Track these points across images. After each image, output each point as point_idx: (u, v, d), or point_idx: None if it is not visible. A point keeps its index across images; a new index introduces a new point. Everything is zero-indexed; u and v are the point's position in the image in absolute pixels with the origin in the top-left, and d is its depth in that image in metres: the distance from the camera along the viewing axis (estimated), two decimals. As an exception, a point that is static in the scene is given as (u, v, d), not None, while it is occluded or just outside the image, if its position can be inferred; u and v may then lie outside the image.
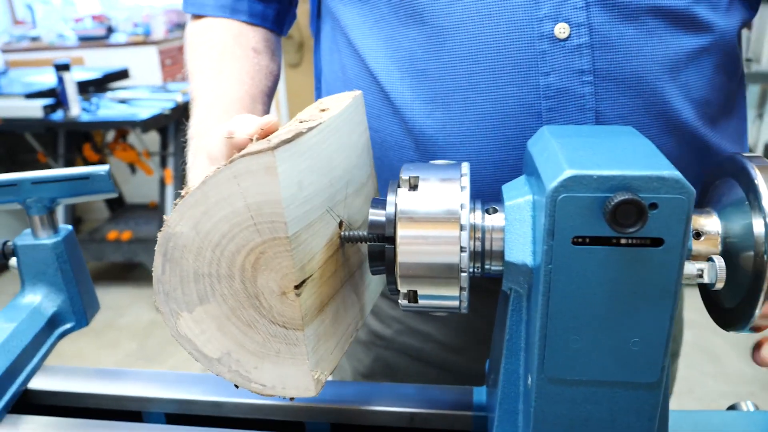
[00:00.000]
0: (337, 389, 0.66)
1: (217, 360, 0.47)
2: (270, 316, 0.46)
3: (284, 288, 0.44)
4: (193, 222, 0.43)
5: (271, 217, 0.42)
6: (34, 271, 0.76)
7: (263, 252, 0.43)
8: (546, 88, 0.61)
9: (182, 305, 0.46)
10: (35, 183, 0.72)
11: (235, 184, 0.41)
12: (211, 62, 0.74)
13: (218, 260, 0.44)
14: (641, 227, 0.37)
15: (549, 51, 0.60)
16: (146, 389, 0.70)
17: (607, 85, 0.61)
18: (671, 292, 0.40)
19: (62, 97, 2.79)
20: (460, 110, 0.64)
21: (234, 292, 0.45)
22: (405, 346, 0.85)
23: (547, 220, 0.40)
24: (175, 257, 0.44)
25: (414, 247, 0.45)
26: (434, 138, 0.65)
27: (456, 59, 0.63)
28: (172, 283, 0.45)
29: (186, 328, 0.46)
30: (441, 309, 0.48)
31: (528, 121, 0.62)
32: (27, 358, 0.71)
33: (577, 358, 0.43)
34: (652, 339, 0.42)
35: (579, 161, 0.40)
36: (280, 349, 0.47)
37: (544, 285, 0.41)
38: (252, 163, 0.41)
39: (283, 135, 0.43)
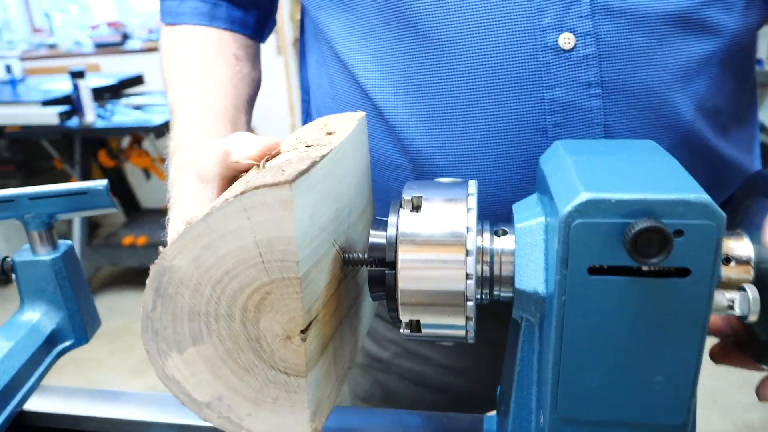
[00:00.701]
0: (340, 416, 0.62)
1: (206, 404, 0.44)
2: (270, 361, 0.42)
3: (289, 332, 0.40)
4: (193, 256, 0.39)
5: (283, 255, 0.38)
6: (33, 288, 0.74)
7: (269, 293, 0.40)
8: (551, 103, 0.57)
9: (172, 345, 0.42)
10: (33, 198, 0.69)
11: (246, 217, 0.37)
12: (191, 71, 0.70)
13: (218, 298, 0.40)
14: (665, 257, 0.34)
15: (553, 63, 0.57)
16: (144, 413, 0.67)
17: (616, 98, 0.57)
18: (699, 326, 0.37)
19: (77, 104, 2.80)
20: (461, 128, 0.60)
21: (232, 334, 0.41)
22: (403, 369, 0.81)
23: (560, 248, 0.36)
24: (170, 293, 0.40)
25: (416, 272, 0.42)
26: (433, 158, 0.61)
27: (454, 74, 0.59)
28: (164, 320, 0.41)
29: (174, 370, 0.43)
30: (446, 338, 0.45)
31: (533, 137, 0.59)
32: (24, 379, 0.69)
33: (594, 397, 0.39)
34: (677, 377, 0.38)
35: (596, 183, 0.36)
36: (278, 396, 0.43)
37: (558, 317, 0.38)
38: (266, 196, 0.37)
39: (296, 164, 0.39)
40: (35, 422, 0.69)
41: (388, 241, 0.43)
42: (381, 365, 0.82)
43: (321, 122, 0.54)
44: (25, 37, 4.34)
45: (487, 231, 0.45)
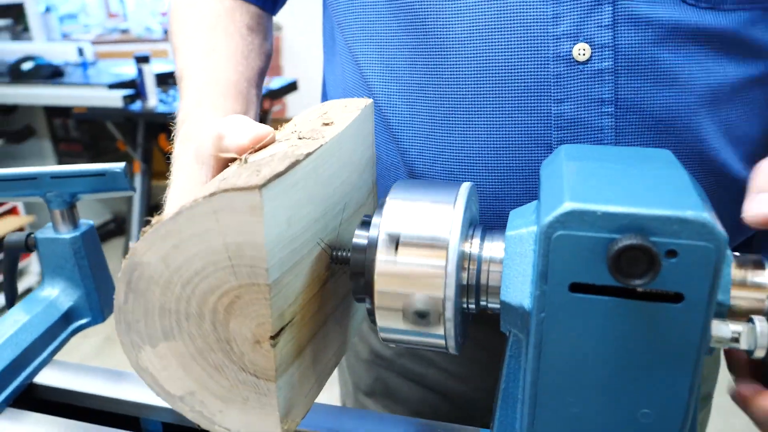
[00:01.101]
0: (339, 417, 0.61)
1: (179, 398, 0.43)
2: (240, 363, 0.41)
3: (259, 337, 0.39)
4: (162, 254, 0.38)
5: (252, 261, 0.37)
6: (53, 265, 0.75)
7: (239, 296, 0.38)
8: (558, 118, 0.53)
9: (145, 339, 0.41)
10: (54, 177, 0.71)
11: (214, 219, 0.36)
12: (202, 38, 0.67)
13: (188, 298, 0.39)
14: (651, 279, 0.31)
15: (564, 75, 0.52)
16: (146, 395, 0.67)
17: (631, 118, 0.52)
18: (692, 357, 0.33)
19: (141, 89, 2.88)
20: (461, 135, 0.56)
21: (203, 333, 0.40)
22: (405, 369, 0.78)
23: (540, 261, 0.34)
24: (140, 288, 0.39)
25: (394, 276, 0.40)
26: (432, 164, 0.58)
27: (458, 76, 0.55)
28: (135, 314, 0.40)
29: (147, 362, 0.42)
30: (425, 347, 0.42)
31: (536, 153, 0.54)
32: (36, 352, 0.70)
33: (574, 424, 0.36)
34: (666, 412, 0.35)
35: (584, 192, 0.33)
36: (248, 397, 0.42)
37: (536, 336, 0.35)
38: (235, 199, 0.35)
39: (275, 164, 0.37)
40: (44, 395, 0.71)
41: (369, 241, 0.41)
42: (384, 362, 0.79)
43: (323, 108, 0.52)
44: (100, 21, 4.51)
45: (478, 237, 0.42)
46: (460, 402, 0.77)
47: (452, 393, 0.77)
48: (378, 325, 0.42)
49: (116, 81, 2.99)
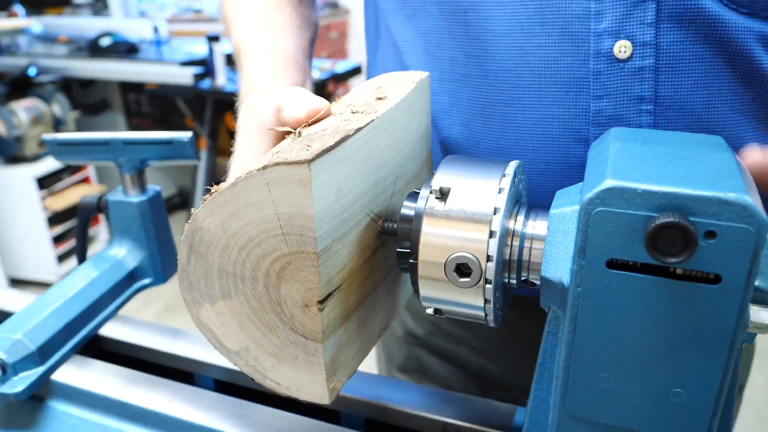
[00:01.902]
0: (376, 385, 0.63)
1: (235, 353, 0.46)
2: (290, 324, 0.43)
3: (307, 301, 0.42)
4: (220, 220, 0.41)
5: (301, 230, 0.39)
6: (121, 227, 0.80)
7: (289, 263, 0.41)
8: (596, 114, 0.53)
9: (205, 297, 0.44)
10: (126, 143, 0.75)
11: (267, 190, 0.39)
12: (257, 11, 0.69)
13: (243, 262, 0.42)
14: (687, 258, 0.31)
15: (604, 72, 0.52)
16: (201, 353, 0.71)
17: (670, 116, 0.52)
18: (727, 340, 0.33)
19: (211, 67, 2.96)
20: (499, 125, 0.57)
21: (256, 295, 0.43)
22: (437, 347, 0.80)
23: (578, 236, 0.34)
24: (201, 251, 0.42)
25: (437, 248, 0.41)
26: (468, 152, 0.59)
27: (499, 68, 0.55)
28: (196, 274, 0.44)
29: (207, 318, 0.45)
30: (465, 317, 0.44)
31: (573, 147, 0.54)
32: (102, 306, 0.75)
33: (605, 399, 0.37)
34: (698, 393, 0.35)
35: (626, 171, 0.34)
36: (297, 356, 0.45)
37: (572, 310, 0.36)
38: (286, 172, 0.37)
39: (326, 139, 0.39)
40: (108, 347, 0.76)
41: (415, 212, 0.43)
42: (416, 341, 0.81)
43: (378, 82, 0.53)
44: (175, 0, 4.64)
45: (522, 214, 0.43)
46: (489, 379, 0.79)
47: (481, 371, 0.79)
48: (421, 294, 0.44)
49: (188, 59, 3.08)
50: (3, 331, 0.64)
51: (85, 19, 4.02)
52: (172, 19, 4.25)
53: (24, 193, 2.88)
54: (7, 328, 0.65)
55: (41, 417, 0.65)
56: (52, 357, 0.67)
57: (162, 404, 0.61)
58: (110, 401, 0.63)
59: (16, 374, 0.63)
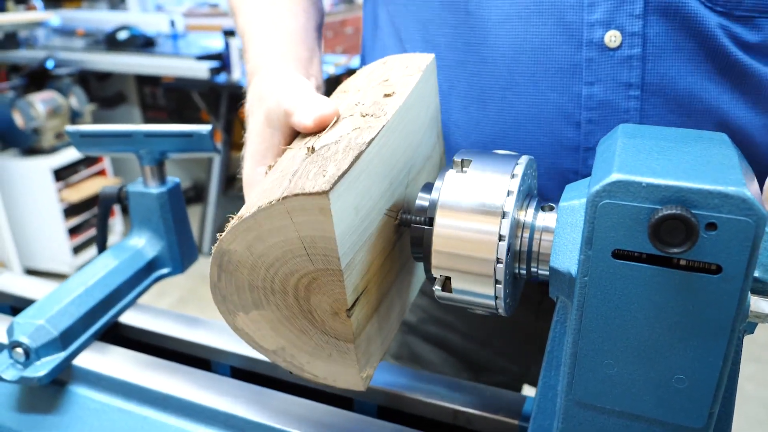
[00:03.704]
0: (389, 373, 0.64)
1: (273, 352, 0.49)
2: (322, 328, 0.46)
3: (336, 309, 0.44)
4: (246, 244, 0.42)
5: (325, 251, 0.41)
6: (141, 217, 0.82)
7: (315, 278, 0.43)
8: (588, 99, 0.56)
9: (239, 307, 0.47)
10: (147, 135, 0.76)
11: (288, 218, 0.40)
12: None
13: (272, 278, 0.44)
14: (689, 248, 0.32)
15: (596, 59, 0.55)
16: (218, 340, 0.73)
17: (655, 101, 0.55)
18: (727, 328, 0.35)
19: (227, 61, 2.99)
20: (496, 109, 0.59)
21: (287, 305, 0.45)
22: (429, 334, 0.83)
23: (585, 227, 0.36)
24: (230, 270, 0.44)
25: (451, 237, 0.43)
26: (467, 135, 0.61)
27: (496, 55, 0.58)
28: (228, 289, 0.46)
29: (243, 324, 0.48)
30: (476, 307, 0.45)
31: (565, 130, 0.57)
32: (122, 295, 0.77)
33: (611, 385, 0.39)
34: (699, 379, 0.36)
35: (632, 165, 0.35)
36: (331, 353, 0.47)
37: (579, 298, 0.37)
38: (306, 202, 0.39)
39: (340, 160, 0.41)
40: (127, 334, 0.78)
41: (430, 203, 0.44)
42: (408, 328, 0.84)
43: (384, 71, 0.54)
44: (192, -5, 4.67)
45: (532, 207, 0.44)
46: (479, 364, 0.82)
47: (472, 356, 0.82)
48: (434, 284, 0.45)
49: (204, 53, 3.11)
50: (26, 317, 0.66)
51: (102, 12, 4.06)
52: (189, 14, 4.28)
53: (40, 185, 2.92)
54: (31, 314, 0.67)
55: (63, 401, 0.67)
56: (74, 343, 0.69)
57: (180, 389, 0.63)
58: (130, 386, 0.65)
59: (39, 359, 0.65)
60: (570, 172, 0.59)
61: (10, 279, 0.88)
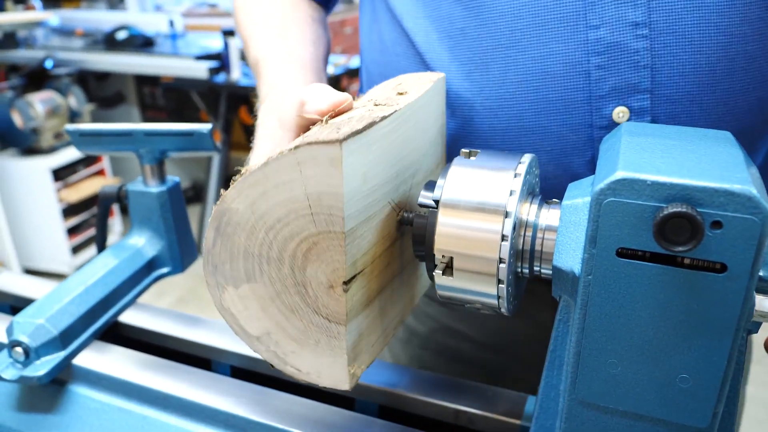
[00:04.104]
0: (390, 373, 0.64)
1: (256, 338, 0.47)
2: (314, 306, 0.45)
3: (333, 282, 0.43)
4: (249, 201, 0.42)
5: (330, 210, 0.40)
6: (141, 216, 0.81)
7: (316, 243, 0.42)
8: (595, 43, 0.55)
9: (229, 280, 0.46)
10: (147, 134, 0.76)
11: (298, 170, 0.40)
12: (274, 26, 0.73)
13: (270, 243, 0.43)
14: (694, 247, 0.32)
15: (599, 2, 0.55)
16: (218, 340, 0.73)
17: (665, 40, 0.54)
18: (732, 328, 0.35)
19: (226, 61, 2.98)
20: (500, 71, 0.59)
21: (281, 277, 0.44)
22: (440, 346, 0.81)
23: (590, 226, 0.36)
24: (228, 232, 0.44)
25: (452, 237, 0.43)
26: (471, 102, 0.61)
27: (496, 15, 0.58)
28: (222, 257, 0.45)
29: (230, 302, 0.47)
30: (479, 306, 0.45)
31: (574, 81, 0.57)
32: (122, 294, 0.77)
33: (614, 384, 0.38)
34: (704, 378, 0.36)
35: (636, 163, 0.35)
36: (319, 340, 0.46)
37: (582, 297, 0.37)
38: (317, 152, 0.39)
39: (354, 123, 0.41)
40: (127, 333, 0.77)
41: (432, 203, 0.44)
42: (418, 341, 0.83)
43: (397, 80, 0.55)
44: (191, -5, 4.67)
45: (535, 205, 0.44)
46: (495, 373, 0.80)
47: (487, 365, 0.80)
48: (436, 282, 0.45)
49: (203, 53, 3.10)
50: (26, 316, 0.66)
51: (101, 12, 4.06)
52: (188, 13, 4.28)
53: (39, 185, 2.92)
54: (30, 313, 0.67)
55: (63, 400, 0.67)
56: (74, 342, 0.68)
57: (181, 389, 0.63)
58: (130, 386, 0.65)
59: (39, 358, 0.65)
60: (583, 126, 0.58)
61: (9, 278, 0.87)
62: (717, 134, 0.41)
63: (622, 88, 0.56)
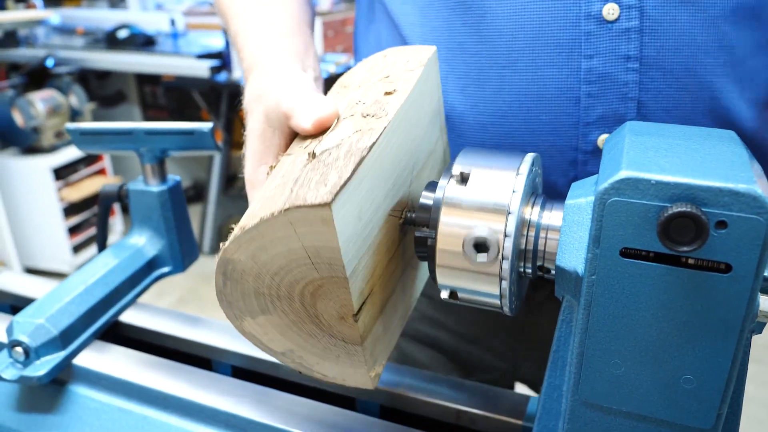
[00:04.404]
0: (392, 373, 0.64)
1: (281, 353, 0.49)
2: (330, 332, 0.45)
3: (343, 314, 0.43)
4: (249, 253, 0.42)
5: (329, 261, 0.40)
6: (141, 216, 0.81)
7: (321, 285, 0.42)
8: (587, 72, 0.57)
9: (245, 313, 0.46)
10: (147, 133, 0.76)
11: (291, 229, 0.40)
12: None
13: (278, 285, 0.43)
14: (698, 247, 0.32)
15: (594, 32, 0.56)
16: (219, 339, 0.72)
17: (653, 75, 0.56)
18: (736, 328, 0.34)
19: (227, 60, 2.98)
20: (494, 88, 0.60)
21: (294, 310, 0.45)
22: (420, 333, 0.83)
23: (593, 225, 0.35)
24: (235, 277, 0.44)
25: (455, 237, 0.42)
26: (464, 116, 0.61)
27: (495, 34, 0.58)
28: (234, 296, 0.45)
29: (250, 328, 0.47)
30: (482, 305, 0.45)
31: (565, 105, 0.58)
32: (122, 293, 0.76)
33: (618, 385, 0.38)
34: (708, 379, 0.36)
35: (641, 163, 0.35)
36: (339, 355, 0.47)
37: (586, 297, 0.37)
38: (308, 214, 0.38)
39: (341, 167, 0.40)
40: (128, 333, 0.77)
41: (434, 202, 0.44)
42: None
43: (384, 66, 0.54)
44: (192, -6, 4.66)
45: (538, 205, 0.44)
46: (469, 362, 0.82)
47: (462, 355, 0.82)
48: (438, 282, 0.45)
49: (204, 52, 3.10)
50: (26, 315, 0.66)
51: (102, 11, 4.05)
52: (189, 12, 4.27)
53: (40, 184, 2.92)
54: (30, 313, 0.66)
55: (63, 401, 0.66)
56: (74, 342, 0.68)
57: (181, 389, 0.63)
58: (130, 386, 0.65)
59: (39, 358, 0.65)
60: (569, 148, 0.60)
61: (9, 278, 0.87)
62: (721, 133, 0.41)
63: (609, 116, 0.58)
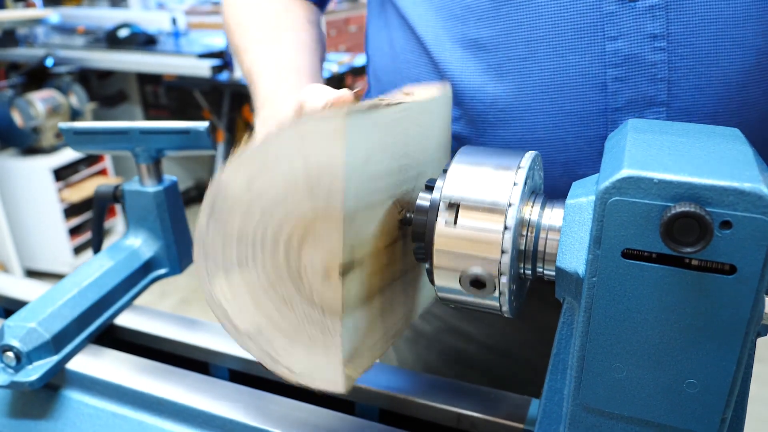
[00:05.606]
0: (391, 376, 0.63)
1: (247, 335, 0.45)
2: (309, 296, 0.42)
3: (329, 267, 0.41)
4: (248, 175, 0.40)
5: (330, 185, 0.39)
6: (137, 216, 0.80)
7: (313, 225, 0.40)
8: (613, 55, 0.54)
9: (220, 267, 0.43)
10: (143, 133, 0.75)
11: (300, 143, 0.38)
12: (267, 33, 0.71)
13: (265, 225, 0.41)
14: (702, 248, 0.31)
15: (617, 13, 0.53)
16: (215, 343, 0.71)
17: (682, 52, 0.53)
18: (741, 331, 0.33)
19: (229, 59, 2.97)
20: (515, 82, 0.57)
21: (275, 264, 0.42)
22: (445, 346, 0.80)
23: (594, 226, 0.34)
24: (223, 213, 0.42)
25: (452, 238, 0.41)
26: (485, 113, 0.59)
27: (512, 26, 0.56)
28: (214, 242, 0.43)
29: (220, 294, 0.45)
30: (480, 308, 0.44)
31: (590, 93, 0.55)
32: (117, 296, 0.75)
33: (620, 390, 0.37)
34: (711, 383, 0.35)
35: (643, 161, 0.34)
36: (313, 335, 0.43)
37: (587, 299, 0.36)
38: (320, 125, 0.37)
39: (358, 105, 0.40)
40: (123, 336, 0.76)
41: (431, 204, 0.43)
42: (425, 341, 0.81)
43: (404, 89, 0.54)
44: (194, -7, 4.66)
45: (538, 205, 0.43)
46: (501, 377, 0.78)
47: (493, 368, 0.79)
48: (435, 284, 0.44)
49: (206, 51, 3.09)
50: (18, 319, 0.65)
51: (103, 10, 4.05)
52: (190, 11, 4.27)
53: (40, 185, 2.91)
54: (22, 316, 0.65)
55: (56, 406, 0.66)
56: (67, 346, 0.67)
57: (177, 394, 0.62)
58: (125, 390, 0.64)
59: (31, 363, 0.64)
60: (599, 138, 0.57)
61: (2, 280, 0.86)
62: (725, 131, 0.40)
63: (638, 100, 0.55)
